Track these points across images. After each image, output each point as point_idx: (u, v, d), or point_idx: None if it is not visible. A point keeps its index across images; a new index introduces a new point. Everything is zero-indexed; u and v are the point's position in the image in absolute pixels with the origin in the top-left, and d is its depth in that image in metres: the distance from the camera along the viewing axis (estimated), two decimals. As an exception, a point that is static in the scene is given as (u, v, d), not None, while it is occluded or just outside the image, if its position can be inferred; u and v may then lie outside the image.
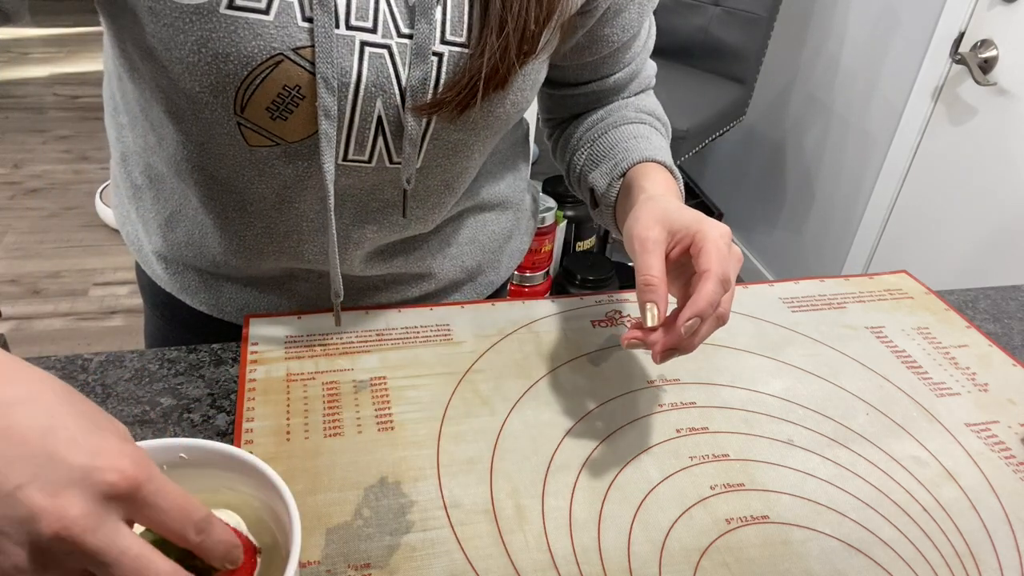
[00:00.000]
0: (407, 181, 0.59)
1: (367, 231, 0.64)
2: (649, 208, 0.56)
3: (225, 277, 0.71)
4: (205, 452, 0.42)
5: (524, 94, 0.60)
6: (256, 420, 0.58)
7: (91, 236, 2.49)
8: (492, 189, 0.73)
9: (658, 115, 0.74)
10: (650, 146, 0.68)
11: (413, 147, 0.57)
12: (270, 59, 0.51)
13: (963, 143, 1.68)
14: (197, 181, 0.62)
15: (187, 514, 0.33)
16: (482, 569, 0.49)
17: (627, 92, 0.74)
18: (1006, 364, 0.71)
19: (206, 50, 0.50)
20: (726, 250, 0.52)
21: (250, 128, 0.55)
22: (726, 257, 0.51)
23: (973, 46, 1.62)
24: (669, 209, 0.55)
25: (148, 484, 0.32)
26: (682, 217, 0.54)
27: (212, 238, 0.66)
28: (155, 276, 0.74)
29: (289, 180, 0.59)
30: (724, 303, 0.51)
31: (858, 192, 2.00)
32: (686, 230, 0.53)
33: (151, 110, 0.60)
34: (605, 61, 0.69)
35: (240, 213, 0.63)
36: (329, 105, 0.53)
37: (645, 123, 0.72)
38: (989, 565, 0.52)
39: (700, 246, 0.52)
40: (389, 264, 0.70)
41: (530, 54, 0.55)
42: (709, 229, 0.53)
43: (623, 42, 0.67)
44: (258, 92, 0.52)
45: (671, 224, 0.54)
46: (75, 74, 3.63)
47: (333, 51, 0.51)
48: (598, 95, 0.73)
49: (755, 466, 0.58)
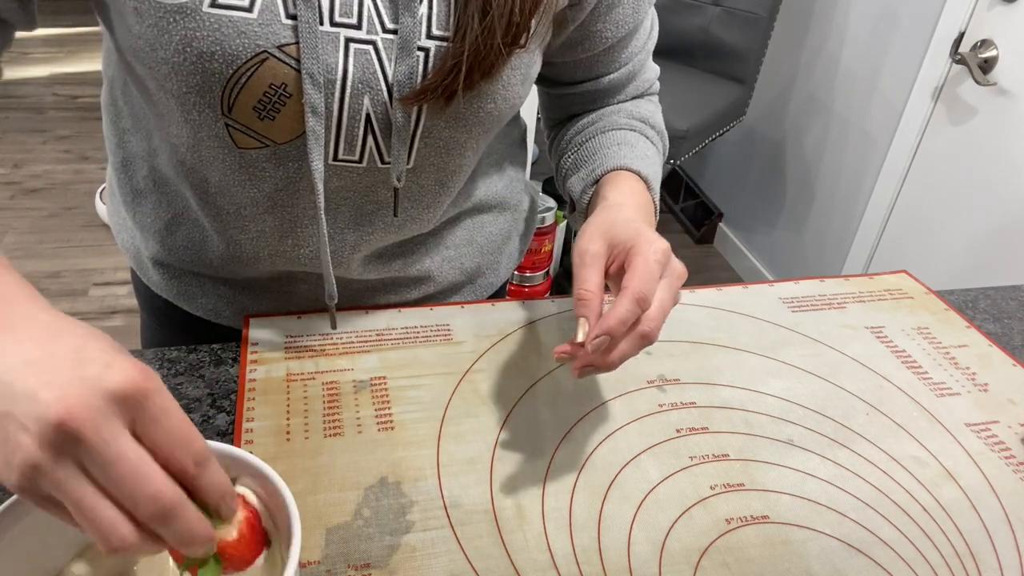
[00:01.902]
0: (397, 179, 0.59)
1: (362, 233, 0.64)
2: (598, 219, 0.55)
3: (223, 282, 0.71)
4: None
5: (515, 89, 0.59)
6: (256, 420, 0.58)
7: (91, 236, 2.49)
8: (489, 190, 0.73)
9: (652, 122, 0.72)
10: (631, 154, 0.66)
11: (402, 144, 0.57)
12: (255, 57, 0.51)
13: (963, 143, 1.68)
14: (192, 184, 0.62)
15: (188, 440, 0.34)
16: (482, 569, 0.49)
17: (624, 95, 0.73)
18: (1006, 364, 0.71)
19: (190, 50, 0.50)
20: (655, 268, 0.51)
21: (238, 129, 0.55)
22: (650, 275, 0.50)
23: (973, 46, 1.62)
24: (616, 221, 0.55)
25: (155, 396, 0.33)
26: (624, 231, 0.53)
27: (210, 242, 0.66)
28: (152, 283, 0.74)
29: (281, 183, 0.59)
30: (648, 321, 0.50)
31: (858, 192, 2.00)
32: (623, 245, 0.53)
33: (148, 113, 0.60)
34: (599, 59, 0.68)
35: (235, 217, 0.62)
36: (316, 102, 0.53)
37: (635, 130, 0.70)
38: (989, 565, 0.52)
39: (630, 262, 0.51)
40: (387, 267, 0.69)
41: (515, 44, 0.55)
42: (642, 245, 0.52)
43: (617, 39, 0.66)
44: (244, 91, 0.52)
45: (612, 238, 0.53)
46: (75, 74, 3.63)
47: (318, 47, 0.51)
48: (593, 95, 0.72)
49: (755, 466, 0.58)
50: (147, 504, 0.33)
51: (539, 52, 0.61)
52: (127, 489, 0.33)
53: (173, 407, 0.34)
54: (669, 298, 0.52)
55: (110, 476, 0.32)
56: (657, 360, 0.68)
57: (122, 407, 0.33)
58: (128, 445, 0.33)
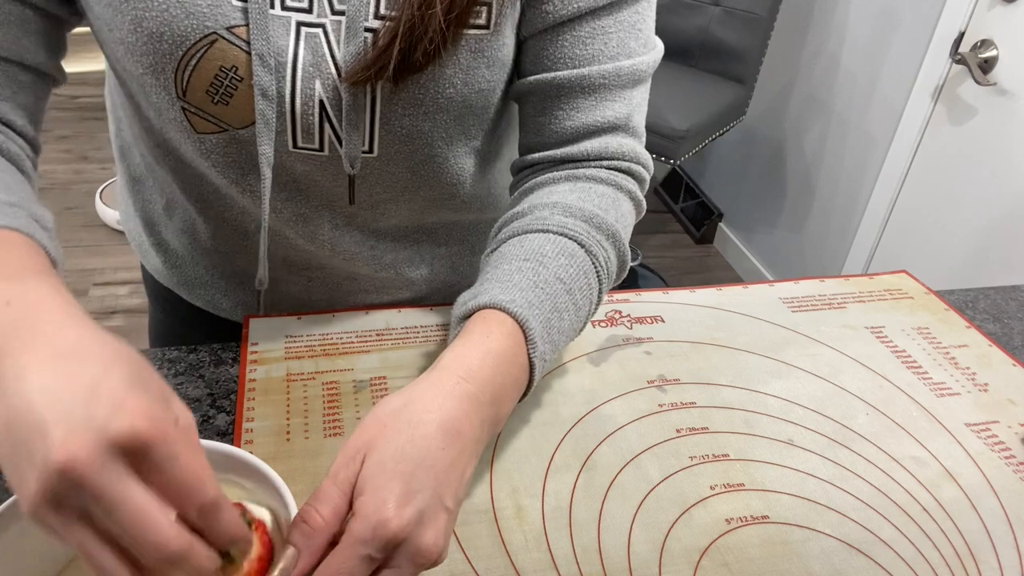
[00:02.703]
0: (351, 165, 0.58)
1: (322, 221, 0.64)
2: (392, 418, 0.44)
3: (219, 273, 0.71)
4: (205, 452, 0.42)
5: (479, 73, 0.56)
6: (256, 420, 0.58)
7: (91, 236, 2.49)
8: (483, 190, 0.71)
9: (598, 222, 0.57)
10: (522, 281, 0.52)
11: (354, 128, 0.56)
12: (204, 38, 0.51)
13: (963, 143, 1.68)
14: (171, 168, 0.62)
15: (192, 491, 0.34)
16: (482, 569, 0.49)
17: (578, 128, 0.60)
18: (1006, 364, 0.71)
19: (141, 29, 0.50)
20: (358, 550, 0.38)
21: (194, 113, 0.55)
22: (345, 560, 0.39)
23: (973, 46, 1.62)
24: (400, 440, 0.42)
25: (161, 447, 0.33)
26: (383, 471, 0.41)
27: (199, 224, 0.67)
28: (155, 270, 0.75)
29: (246, 168, 0.59)
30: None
31: (858, 192, 2.00)
32: (365, 484, 0.41)
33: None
34: (546, 46, 0.58)
35: (215, 196, 0.63)
36: (267, 84, 0.53)
37: (565, 235, 0.55)
38: (989, 565, 0.52)
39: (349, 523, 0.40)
40: (373, 263, 0.69)
41: (462, 23, 0.52)
42: (370, 506, 0.39)
43: (564, 18, 0.57)
44: (196, 73, 0.52)
45: (370, 469, 0.41)
46: (75, 74, 3.63)
47: (269, 29, 0.51)
48: (544, 105, 0.61)
49: (755, 466, 0.58)
50: (150, 552, 0.32)
51: (511, 35, 0.58)
52: (130, 536, 0.32)
53: (182, 457, 0.33)
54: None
55: (114, 522, 0.32)
56: (657, 360, 0.68)
57: (127, 456, 0.32)
58: (131, 490, 0.32)
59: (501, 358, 0.49)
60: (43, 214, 0.49)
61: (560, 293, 0.53)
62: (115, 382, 0.33)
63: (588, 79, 0.59)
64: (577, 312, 0.55)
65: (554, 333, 0.53)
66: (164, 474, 0.33)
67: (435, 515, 0.41)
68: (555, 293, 0.53)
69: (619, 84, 0.60)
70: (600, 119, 0.61)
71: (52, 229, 0.50)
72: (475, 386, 0.46)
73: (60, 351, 0.35)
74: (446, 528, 0.42)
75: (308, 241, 0.65)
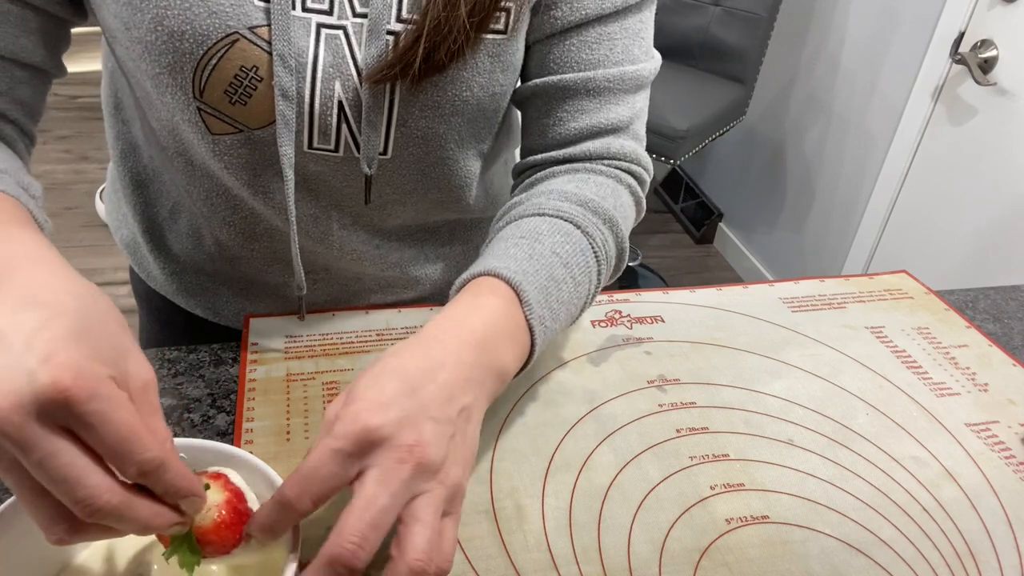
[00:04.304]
0: (368, 166, 0.58)
1: (335, 223, 0.64)
2: (384, 369, 0.43)
3: (222, 281, 0.71)
4: (205, 452, 0.42)
5: (494, 77, 0.57)
6: (256, 420, 0.58)
7: (91, 236, 2.49)
8: (488, 191, 0.72)
9: (595, 207, 0.58)
10: (518, 254, 0.53)
11: (373, 129, 0.56)
12: (225, 38, 0.51)
13: (963, 143, 1.68)
14: (179, 169, 0.62)
15: (127, 449, 0.33)
16: (482, 569, 0.49)
17: (581, 130, 0.61)
18: (1006, 364, 0.71)
19: (162, 28, 0.50)
20: (329, 460, 0.39)
21: (210, 114, 0.54)
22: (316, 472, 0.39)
23: (973, 46, 1.62)
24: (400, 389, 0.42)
25: (86, 403, 0.32)
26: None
27: (205, 228, 0.66)
28: (151, 279, 0.74)
29: (259, 169, 0.59)
30: (345, 541, 0.38)
31: (858, 192, 2.00)
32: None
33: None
34: (552, 50, 0.60)
35: (224, 198, 0.62)
36: (287, 85, 0.52)
37: (561, 217, 0.56)
38: (989, 565, 0.52)
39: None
40: (379, 263, 0.69)
41: (484, 25, 0.53)
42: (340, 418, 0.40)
43: (572, 24, 0.58)
44: (215, 73, 0.52)
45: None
46: (75, 74, 3.62)
47: (290, 30, 0.51)
48: (548, 107, 0.62)
49: (755, 466, 0.58)
50: (78, 507, 0.32)
51: (523, 41, 0.59)
52: (57, 491, 0.32)
53: (111, 412, 0.33)
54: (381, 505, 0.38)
55: (42, 478, 0.32)
56: (657, 360, 0.68)
57: (53, 411, 0.32)
58: (53, 447, 0.32)
59: (490, 311, 0.49)
60: (31, 182, 0.49)
61: (556, 265, 0.53)
62: (55, 332, 0.33)
63: (593, 82, 0.60)
64: (576, 287, 0.55)
65: (552, 301, 0.52)
66: (93, 433, 0.33)
67: (416, 420, 0.40)
68: (551, 264, 0.53)
69: (623, 89, 0.61)
70: (603, 121, 0.62)
71: (39, 197, 0.50)
72: (456, 324, 0.47)
73: (21, 295, 0.35)
74: (434, 435, 0.40)
75: (317, 242, 0.65)
